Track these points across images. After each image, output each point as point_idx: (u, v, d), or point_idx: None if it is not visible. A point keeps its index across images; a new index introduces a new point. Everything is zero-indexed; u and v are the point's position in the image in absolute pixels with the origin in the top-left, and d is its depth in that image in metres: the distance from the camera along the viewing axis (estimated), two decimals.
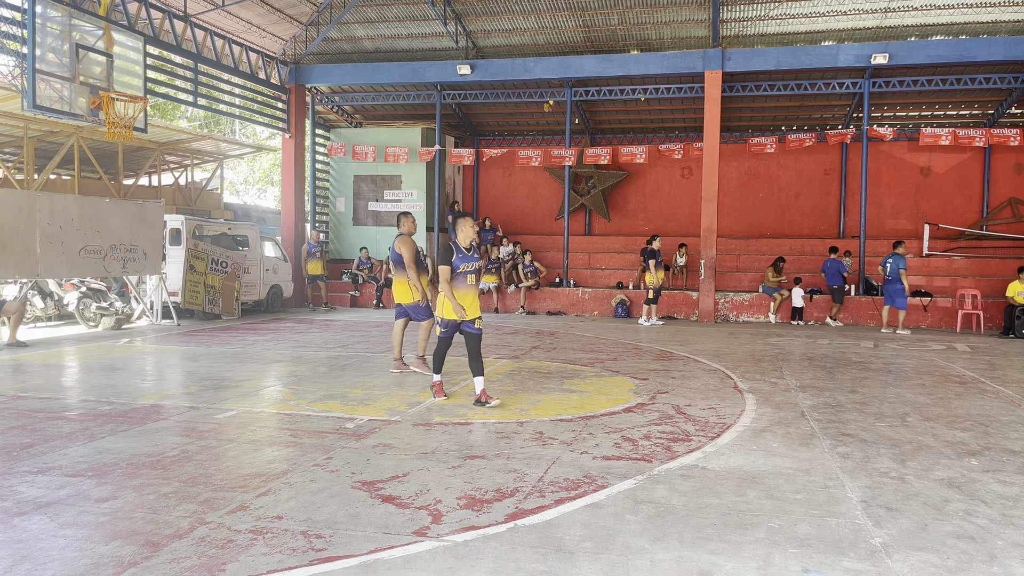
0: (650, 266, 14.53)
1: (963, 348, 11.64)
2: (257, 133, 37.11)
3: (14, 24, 10.88)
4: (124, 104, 11.86)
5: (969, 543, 3.68)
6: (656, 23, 15.90)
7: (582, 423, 6.09)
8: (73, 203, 11.92)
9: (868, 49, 14.88)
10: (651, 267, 14.52)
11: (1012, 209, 18.18)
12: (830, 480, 4.65)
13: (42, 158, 19.07)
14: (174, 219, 14.15)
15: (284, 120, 18.10)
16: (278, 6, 15.88)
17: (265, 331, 12.69)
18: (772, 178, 19.61)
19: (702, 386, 7.87)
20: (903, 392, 7.71)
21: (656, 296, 14.81)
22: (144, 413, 6.24)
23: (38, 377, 8.02)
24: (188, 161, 24.13)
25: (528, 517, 3.94)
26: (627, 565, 3.38)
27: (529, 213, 20.93)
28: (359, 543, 3.57)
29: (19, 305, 10.72)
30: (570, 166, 17.89)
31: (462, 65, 16.59)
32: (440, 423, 6.02)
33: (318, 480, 4.50)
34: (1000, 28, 14.85)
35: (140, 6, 13.41)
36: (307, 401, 6.83)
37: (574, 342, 11.60)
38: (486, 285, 17.08)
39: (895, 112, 18.58)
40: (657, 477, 4.66)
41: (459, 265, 6.59)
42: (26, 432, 5.57)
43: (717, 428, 5.97)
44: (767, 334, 13.23)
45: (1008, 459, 5.19)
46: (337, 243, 19.86)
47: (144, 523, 3.79)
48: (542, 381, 8.04)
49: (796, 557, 3.49)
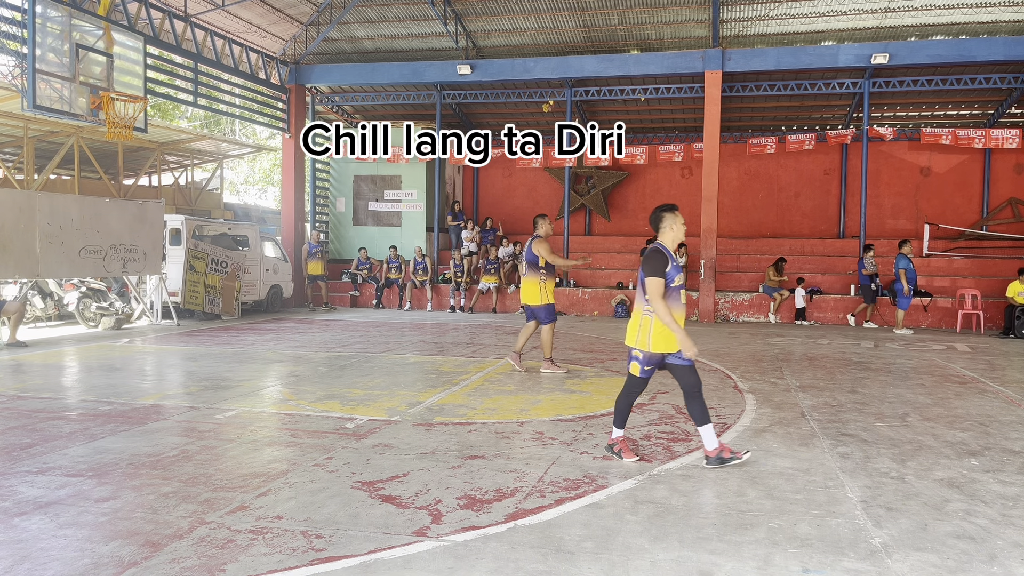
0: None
1: (963, 348, 11.64)
2: (257, 133, 37.10)
3: (14, 24, 10.88)
4: (124, 104, 11.86)
5: (969, 543, 3.68)
6: (656, 23, 15.90)
7: (582, 423, 6.09)
8: (73, 203, 11.92)
9: (868, 49, 14.88)
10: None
11: (1012, 209, 18.18)
12: (830, 480, 4.65)
13: (42, 158, 19.07)
14: (174, 219, 14.15)
15: (284, 120, 18.10)
16: (278, 6, 15.88)
17: (265, 331, 12.69)
18: (772, 178, 19.61)
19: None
20: (903, 392, 7.71)
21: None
22: (144, 413, 6.24)
23: (38, 377, 8.02)
24: (188, 161, 24.14)
25: (528, 517, 3.94)
26: (627, 565, 3.38)
27: (529, 213, 20.85)
28: (359, 543, 3.57)
29: (19, 305, 10.72)
30: (570, 166, 17.89)
31: (462, 65, 16.60)
32: (440, 423, 6.02)
33: (318, 480, 4.50)
34: (1000, 28, 14.85)
35: (140, 6, 13.41)
36: (307, 401, 6.83)
37: (574, 342, 11.60)
38: (486, 285, 17.08)
39: (895, 112, 18.58)
40: (657, 477, 4.66)
41: (673, 277, 4.86)
42: (26, 432, 5.57)
43: (717, 428, 5.97)
44: (767, 334, 13.23)
45: (1008, 459, 5.19)
46: (337, 243, 19.86)
47: (144, 523, 3.79)
48: (542, 381, 8.04)
49: (796, 557, 3.49)
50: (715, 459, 4.88)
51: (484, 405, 6.72)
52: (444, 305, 17.69)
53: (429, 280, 17.68)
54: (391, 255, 17.82)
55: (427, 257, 17.82)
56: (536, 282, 8.40)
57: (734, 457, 4.89)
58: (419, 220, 19.26)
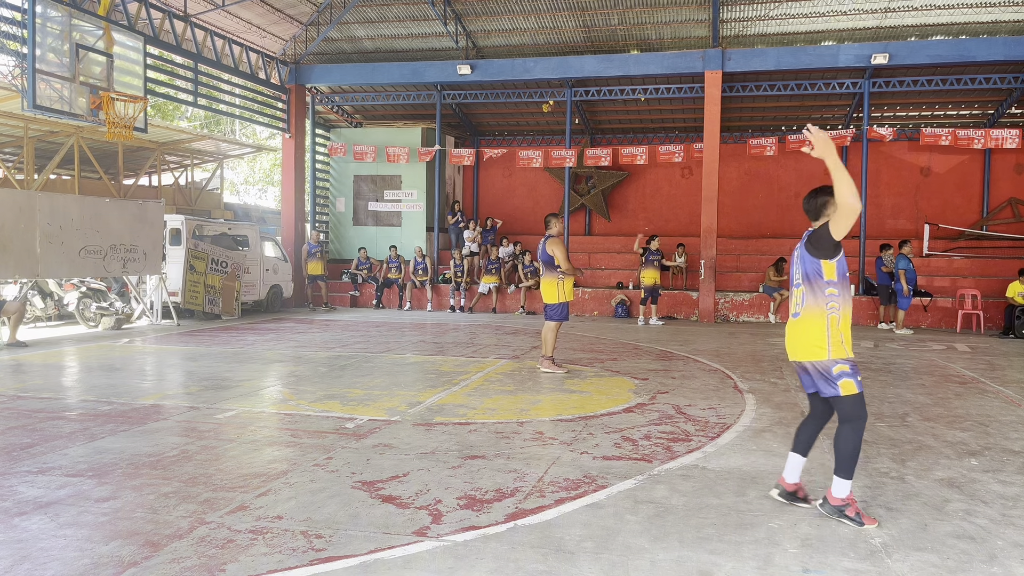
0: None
1: (963, 348, 11.64)
2: (257, 133, 37.10)
3: (14, 24, 10.88)
4: (124, 104, 11.87)
5: (969, 543, 3.68)
6: (656, 23, 15.90)
7: (582, 423, 6.09)
8: (73, 203, 11.92)
9: (868, 49, 14.88)
10: (655, 265, 14.69)
11: (1012, 209, 18.18)
12: (830, 480, 4.64)
13: (42, 158, 19.07)
14: (174, 219, 14.15)
15: (284, 120, 18.10)
16: (278, 6, 15.88)
17: (265, 331, 12.69)
18: (772, 178, 19.61)
19: (702, 386, 7.87)
20: (903, 392, 7.71)
21: (648, 296, 14.83)
22: (144, 413, 6.24)
23: (38, 377, 8.02)
24: (188, 161, 24.14)
25: (528, 517, 3.94)
26: (627, 565, 3.38)
27: (529, 213, 20.91)
28: (359, 543, 3.57)
29: (19, 305, 10.71)
30: (570, 166, 17.89)
31: (462, 65, 16.60)
32: (440, 423, 6.02)
33: (318, 480, 4.50)
34: (1000, 28, 14.85)
35: (140, 6, 13.41)
36: (307, 401, 6.82)
37: (574, 342, 11.60)
38: (486, 286, 17.08)
39: (895, 112, 18.58)
40: (657, 477, 4.66)
41: (845, 269, 3.92)
42: (26, 432, 5.57)
43: (717, 428, 5.97)
44: (767, 334, 13.23)
45: (1008, 459, 5.19)
46: (337, 243, 19.86)
47: (144, 523, 3.79)
48: (542, 381, 8.04)
49: (796, 557, 3.49)
50: (834, 508, 3.91)
51: (484, 405, 6.72)
52: (444, 305, 17.69)
53: (429, 280, 17.68)
54: (391, 255, 17.82)
55: (427, 257, 17.82)
56: (554, 281, 8.50)
57: (856, 520, 3.84)
58: (419, 220, 19.25)
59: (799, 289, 4.00)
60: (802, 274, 3.95)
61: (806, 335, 3.91)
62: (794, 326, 4.01)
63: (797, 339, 3.99)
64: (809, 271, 3.91)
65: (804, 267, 3.93)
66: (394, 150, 18.48)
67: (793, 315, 4.04)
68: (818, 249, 3.87)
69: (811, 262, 3.90)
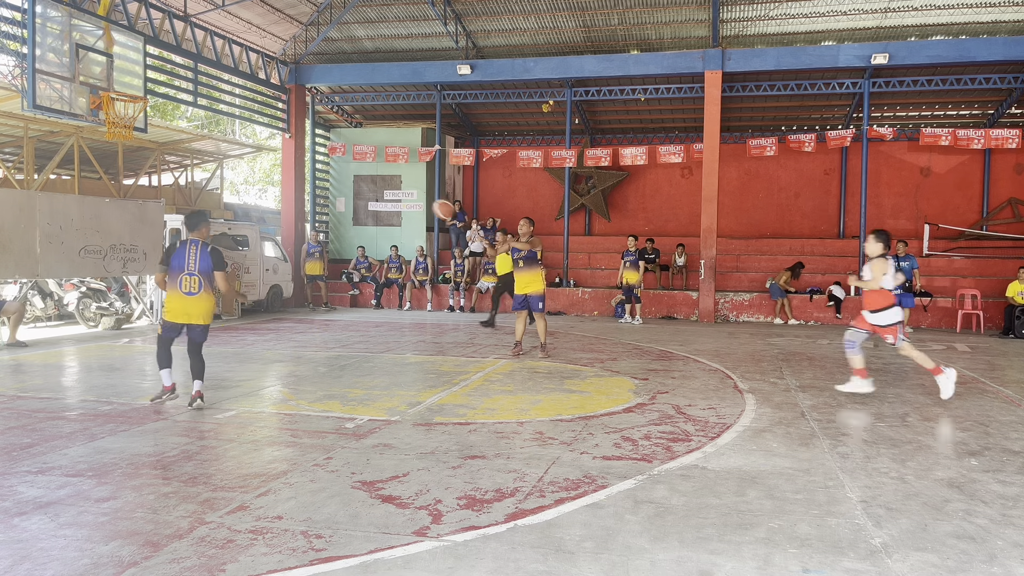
0: (640, 266, 14.94)
1: (963, 348, 11.64)
2: (257, 133, 37.10)
3: (14, 24, 10.88)
4: (124, 104, 11.86)
5: (969, 543, 3.68)
6: (656, 23, 15.90)
7: (582, 423, 6.09)
8: (73, 203, 11.92)
9: (868, 49, 14.88)
10: (626, 266, 14.84)
11: (1012, 209, 18.18)
12: (830, 480, 4.65)
13: (42, 158, 19.05)
14: (174, 219, 14.15)
15: (284, 120, 18.10)
16: (278, 6, 15.88)
17: (265, 331, 12.69)
18: (772, 178, 19.61)
19: (702, 386, 7.86)
20: (903, 392, 7.71)
21: (626, 296, 14.90)
22: (144, 413, 6.24)
23: (38, 377, 8.02)
24: (188, 161, 24.11)
25: (528, 517, 3.93)
26: (627, 565, 3.38)
27: (529, 213, 20.79)
28: (359, 543, 3.57)
29: (19, 305, 10.72)
30: (570, 166, 17.89)
31: (462, 65, 16.59)
32: (440, 423, 6.02)
33: (318, 480, 4.50)
34: (1000, 28, 14.85)
35: (140, 6, 13.41)
36: (307, 401, 6.82)
37: (574, 342, 11.60)
38: (486, 285, 17.07)
39: (895, 112, 18.58)
40: (657, 477, 4.66)
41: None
42: (26, 432, 5.57)
43: (717, 428, 5.97)
44: (767, 334, 13.23)
45: (1008, 459, 5.19)
46: (337, 243, 19.86)
47: (144, 523, 3.79)
48: (542, 381, 8.04)
49: (796, 557, 3.49)
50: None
51: (484, 405, 6.72)
52: (444, 305, 17.69)
53: (429, 280, 17.68)
54: (392, 255, 17.82)
55: (428, 257, 17.82)
56: (540, 273, 9.69)
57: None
58: (419, 220, 19.25)
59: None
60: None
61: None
62: None
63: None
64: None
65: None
66: (394, 150, 18.48)
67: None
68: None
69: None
